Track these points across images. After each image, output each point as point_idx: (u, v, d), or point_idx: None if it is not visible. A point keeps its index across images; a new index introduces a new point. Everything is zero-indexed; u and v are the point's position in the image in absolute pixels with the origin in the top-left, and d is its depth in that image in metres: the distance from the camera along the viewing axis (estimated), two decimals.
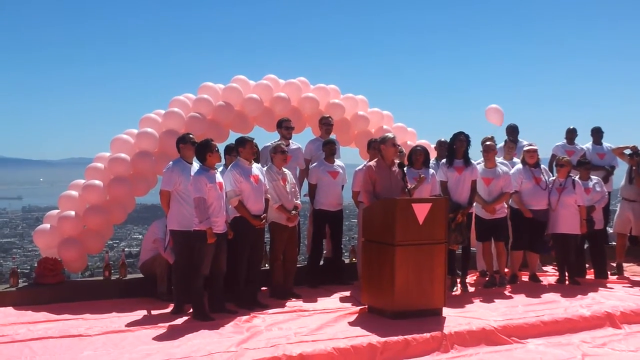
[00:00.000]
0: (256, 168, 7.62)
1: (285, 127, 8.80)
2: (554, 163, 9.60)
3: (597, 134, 11.20)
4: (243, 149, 7.51)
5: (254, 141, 7.71)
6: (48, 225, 8.21)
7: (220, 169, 7.86)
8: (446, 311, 7.07)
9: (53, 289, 7.77)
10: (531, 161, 9.02)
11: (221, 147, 7.72)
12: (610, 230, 10.74)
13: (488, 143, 8.88)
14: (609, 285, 8.99)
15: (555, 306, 7.57)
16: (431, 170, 8.31)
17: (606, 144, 11.14)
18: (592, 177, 9.72)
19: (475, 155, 9.05)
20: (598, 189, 9.54)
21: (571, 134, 11.13)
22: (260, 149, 8.40)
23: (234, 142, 7.81)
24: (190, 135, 7.51)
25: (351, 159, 10.95)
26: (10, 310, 7.32)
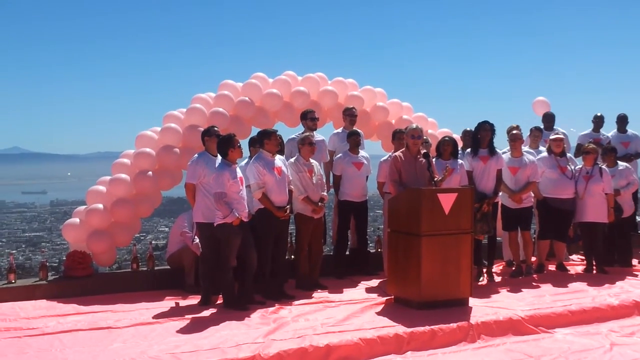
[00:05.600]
0: (279, 160, 7.62)
1: (310, 119, 8.76)
2: (580, 150, 9.45)
3: (621, 121, 10.95)
4: (268, 141, 7.51)
5: (278, 133, 7.73)
6: (77, 220, 8.29)
7: (245, 161, 7.88)
8: (472, 301, 7.05)
9: (82, 281, 7.86)
10: (557, 150, 8.92)
11: (244, 142, 7.75)
12: (639, 218, 10.57)
13: (515, 132, 8.79)
14: (636, 273, 8.88)
15: (582, 295, 7.51)
16: (459, 161, 8.29)
17: (631, 130, 10.92)
18: (620, 162, 9.54)
19: (500, 144, 9.00)
20: (623, 176, 9.35)
21: (598, 121, 10.88)
22: (284, 142, 8.41)
23: (257, 135, 7.83)
24: (215, 128, 7.54)
25: (375, 149, 10.92)
26: (40, 303, 7.41)
